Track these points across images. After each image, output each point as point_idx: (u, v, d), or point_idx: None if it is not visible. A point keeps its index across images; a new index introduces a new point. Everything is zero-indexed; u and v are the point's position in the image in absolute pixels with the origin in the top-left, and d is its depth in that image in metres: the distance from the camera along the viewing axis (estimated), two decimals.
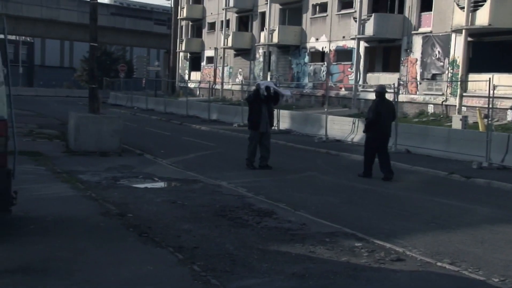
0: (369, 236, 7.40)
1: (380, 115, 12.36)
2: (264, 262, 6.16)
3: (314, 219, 8.39)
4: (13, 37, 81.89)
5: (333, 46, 34.96)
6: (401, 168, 14.81)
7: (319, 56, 36.85)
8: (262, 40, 41.84)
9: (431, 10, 28.35)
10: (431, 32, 28.20)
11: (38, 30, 63.77)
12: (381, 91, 12.96)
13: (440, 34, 27.61)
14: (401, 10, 30.33)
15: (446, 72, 27.29)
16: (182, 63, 56.98)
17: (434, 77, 28.21)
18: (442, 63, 27.63)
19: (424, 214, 9.17)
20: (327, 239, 7.18)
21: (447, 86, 27.17)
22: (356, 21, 31.29)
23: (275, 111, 23.47)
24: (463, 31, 25.13)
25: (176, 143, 19.15)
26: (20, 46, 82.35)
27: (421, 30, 29.00)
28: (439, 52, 27.77)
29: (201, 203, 9.17)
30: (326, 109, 21.59)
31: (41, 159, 13.15)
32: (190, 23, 55.49)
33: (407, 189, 11.63)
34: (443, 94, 27.44)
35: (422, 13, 29.12)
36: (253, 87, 14.44)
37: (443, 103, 27.21)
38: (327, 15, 35.51)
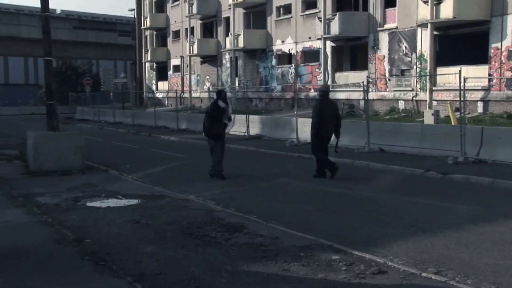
0: (347, 246, 6.89)
1: (323, 114, 12.42)
2: (233, 286, 5.59)
3: (287, 231, 7.84)
4: None
5: (300, 48, 34.60)
6: (376, 168, 14.42)
7: (286, 58, 36.46)
8: (228, 46, 41.32)
9: (395, 6, 28.18)
10: (396, 28, 28.00)
11: (6, 48, 62.39)
12: (325, 90, 13.30)
13: (406, 30, 27.43)
14: (365, 7, 30.11)
15: (415, 67, 27.10)
16: (149, 73, 56.16)
17: (402, 73, 28.01)
18: (410, 59, 27.43)
19: (403, 217, 8.70)
20: (302, 254, 6.63)
21: (416, 81, 26.98)
22: (321, 21, 30.99)
23: (245, 116, 23.16)
24: (429, 25, 24.94)
25: (144, 156, 18.47)
26: None
27: (386, 26, 28.80)
28: (406, 47, 27.57)
29: (167, 221, 8.56)
30: (296, 112, 21.11)
31: None
32: (155, 33, 54.70)
33: (383, 190, 11.18)
34: (413, 90, 27.23)
35: (387, 9, 28.93)
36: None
37: (414, 98, 27.00)
38: (291, 17, 35.16)
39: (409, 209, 9.30)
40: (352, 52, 33.04)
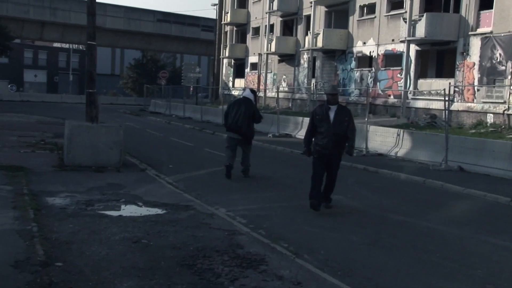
0: None
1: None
2: None
3: (316, 273, 6.00)
4: (66, 46, 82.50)
5: (382, 50, 32.19)
6: (451, 190, 12.20)
7: (366, 61, 34.13)
8: (306, 45, 39.43)
9: (491, 8, 25.28)
10: (491, 32, 25.12)
11: (85, 37, 63.40)
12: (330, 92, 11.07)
13: (502, 35, 24.52)
14: (457, 9, 27.33)
15: (509, 77, 24.15)
16: (226, 69, 55.15)
17: (494, 83, 25.09)
18: (504, 67, 24.50)
19: (476, 266, 6.62)
20: None
21: (510, 93, 24.03)
22: (406, 22, 28.49)
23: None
24: None
25: (194, 156, 17.00)
26: (71, 54, 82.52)
27: (479, 30, 25.95)
28: (500, 54, 24.67)
29: (173, 243, 6.92)
30: (366, 119, 18.99)
31: (20, 175, 11.24)
32: (235, 28, 53.59)
33: (455, 222, 9.04)
34: (504, 102, 24.30)
35: (481, 12, 26.06)
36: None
37: (505, 112, 24.07)
38: (375, 17, 32.79)
39: (487, 254, 7.17)
40: (439, 57, 30.27)
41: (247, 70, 50.40)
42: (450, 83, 22.48)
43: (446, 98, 16.06)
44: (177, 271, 5.88)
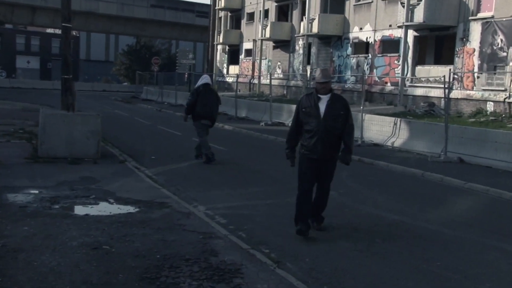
0: None
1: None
2: None
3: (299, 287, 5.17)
4: (59, 31, 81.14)
5: (379, 36, 31.25)
6: (452, 184, 11.40)
7: (363, 47, 33.18)
8: (302, 31, 38.44)
9: None
10: (492, 17, 24.20)
11: (77, 23, 62.04)
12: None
13: (504, 20, 23.60)
14: None
15: (510, 63, 23.26)
16: (221, 56, 54.13)
17: (495, 69, 24.21)
18: (505, 53, 23.61)
19: (481, 278, 5.80)
20: None
21: (511, 80, 23.16)
22: (404, 6, 27.51)
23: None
24: None
25: (180, 147, 16.12)
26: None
27: (480, 15, 25.01)
28: (502, 40, 23.77)
29: (138, 250, 6.08)
30: (362, 107, 18.11)
31: None
32: (229, 14, 52.51)
33: (456, 223, 8.20)
34: (505, 90, 23.43)
35: None
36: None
37: (506, 100, 23.22)
38: (372, 2, 31.81)
39: (495, 263, 6.34)
40: (437, 43, 29.35)
41: (242, 56, 49.40)
42: (450, 70, 21.64)
43: (446, 86, 15.21)
44: (135, 287, 5.04)
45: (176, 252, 6.06)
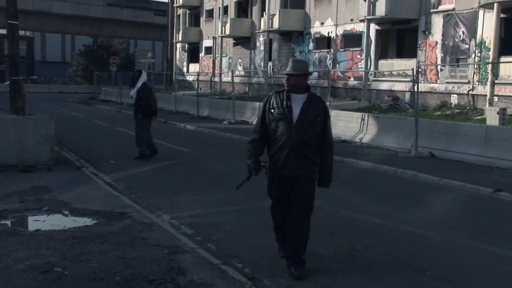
0: None
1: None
2: None
3: None
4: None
5: (340, 31, 30.94)
6: (426, 181, 10.98)
7: (325, 42, 32.84)
8: (262, 27, 37.90)
9: None
10: (453, 9, 24.11)
11: (31, 23, 60.22)
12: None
13: (465, 12, 23.52)
14: None
15: (473, 56, 23.19)
16: (180, 54, 53.19)
17: (458, 62, 24.12)
18: (467, 46, 23.54)
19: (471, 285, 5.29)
20: None
21: (473, 73, 23.09)
22: (365, 0, 27.23)
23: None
24: (495, 5, 20.98)
25: None
26: (18, 42, 78.67)
27: (441, 7, 24.92)
28: (463, 32, 23.68)
29: (95, 271, 5.37)
30: (328, 103, 17.62)
31: None
32: (188, 11, 51.60)
33: (439, 224, 7.73)
34: (469, 82, 23.36)
35: None
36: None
37: (469, 92, 23.14)
38: None
39: (488, 268, 5.86)
40: (399, 37, 29.20)
41: (202, 54, 48.62)
42: (418, 62, 21.42)
43: (414, 79, 14.85)
44: None
45: (138, 272, 5.38)
